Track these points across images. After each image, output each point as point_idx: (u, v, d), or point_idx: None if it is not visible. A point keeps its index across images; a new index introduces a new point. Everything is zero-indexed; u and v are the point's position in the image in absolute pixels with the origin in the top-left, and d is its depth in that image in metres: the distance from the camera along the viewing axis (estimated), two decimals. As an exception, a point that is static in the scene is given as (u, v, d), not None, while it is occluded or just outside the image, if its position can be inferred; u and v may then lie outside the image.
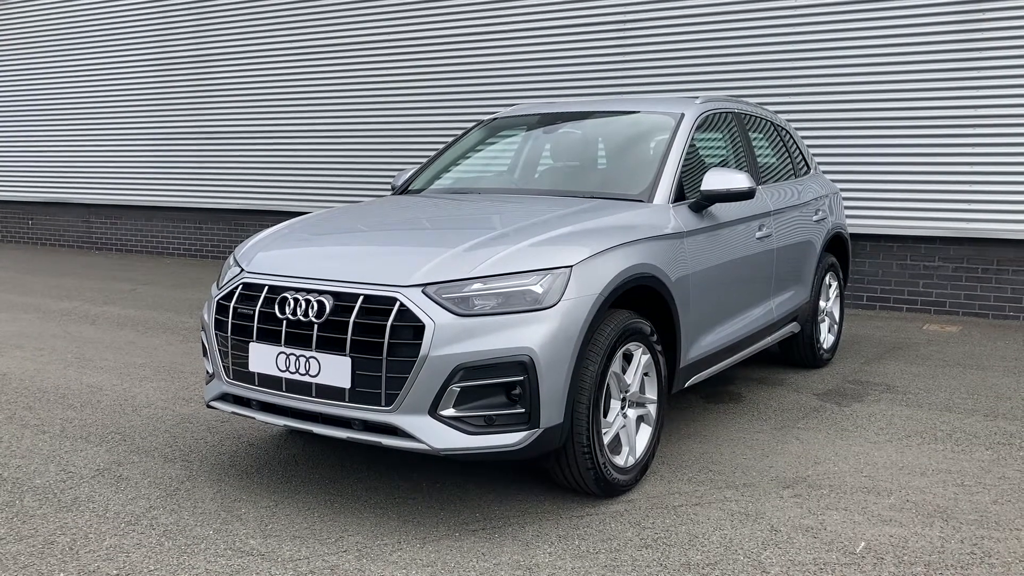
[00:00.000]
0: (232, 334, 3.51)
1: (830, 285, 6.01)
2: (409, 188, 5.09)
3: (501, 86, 9.97)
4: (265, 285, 3.48)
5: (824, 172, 7.45)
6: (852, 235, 7.36)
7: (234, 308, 3.52)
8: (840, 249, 6.24)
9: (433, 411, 3.15)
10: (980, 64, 7.66)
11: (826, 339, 5.97)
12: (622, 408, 3.65)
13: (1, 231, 14.93)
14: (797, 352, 5.74)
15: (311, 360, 3.27)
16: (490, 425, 3.19)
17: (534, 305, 3.24)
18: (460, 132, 6.42)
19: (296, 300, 3.34)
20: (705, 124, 4.84)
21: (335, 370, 3.22)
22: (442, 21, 10.32)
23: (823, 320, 5.92)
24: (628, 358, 3.66)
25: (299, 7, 11.32)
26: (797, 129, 7.94)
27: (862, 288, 8.34)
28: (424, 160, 6.59)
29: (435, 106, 10.44)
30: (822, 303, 5.87)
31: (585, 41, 9.44)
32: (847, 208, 7.70)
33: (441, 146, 6.45)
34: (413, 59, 10.54)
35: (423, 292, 3.21)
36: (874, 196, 8.14)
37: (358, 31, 10.92)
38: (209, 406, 3.72)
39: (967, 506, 3.55)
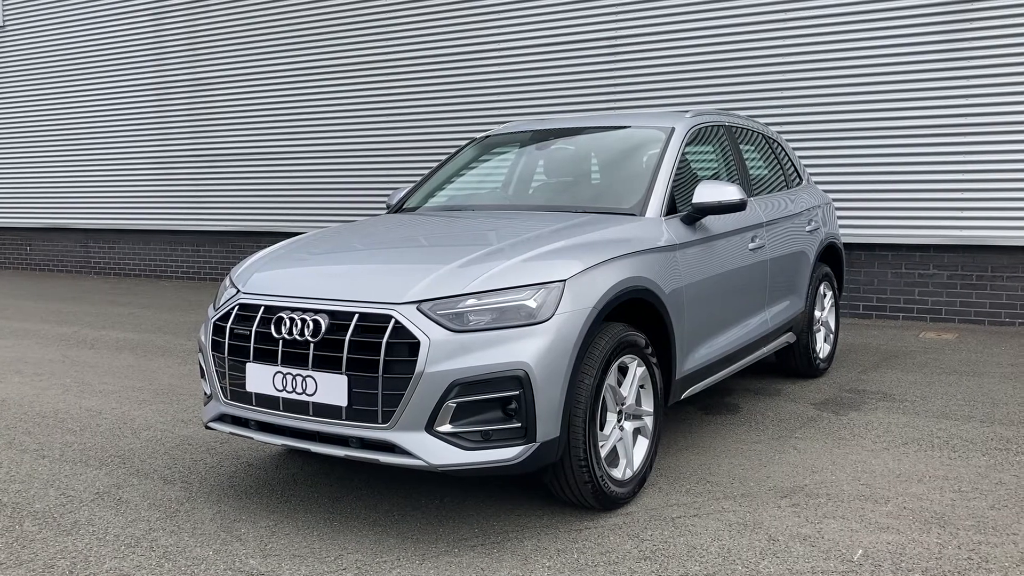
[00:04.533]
0: (229, 355, 3.53)
1: (825, 295, 6.04)
2: (404, 206, 5.13)
3: (494, 104, 10.04)
4: (261, 305, 3.50)
5: (816, 183, 7.49)
6: (846, 245, 7.40)
7: (231, 329, 3.54)
8: (834, 259, 6.27)
9: (430, 427, 3.17)
10: (970, 72, 7.72)
11: (822, 349, 5.99)
12: (619, 421, 3.67)
13: (-1, 257, 14.98)
14: (793, 362, 5.76)
15: (308, 379, 3.29)
16: (487, 440, 3.21)
17: (528, 320, 3.26)
18: (454, 150, 6.47)
19: (292, 319, 3.36)
20: (696, 138, 4.88)
21: (332, 388, 3.24)
22: (435, 42, 10.40)
23: (819, 330, 5.95)
24: (624, 371, 3.68)
25: (293, 31, 11.40)
26: (788, 141, 8.00)
27: (858, 297, 8.37)
28: (419, 179, 6.63)
29: (429, 125, 10.50)
30: (817, 313, 5.90)
31: (577, 58, 9.51)
32: (840, 218, 7.73)
33: (435, 165, 6.49)
34: (407, 81, 10.62)
35: (418, 309, 3.23)
36: (867, 205, 8.18)
37: (352, 53, 10.99)
38: (207, 427, 3.74)
39: (964, 512, 3.56)
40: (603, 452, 3.54)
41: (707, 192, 4.26)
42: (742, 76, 8.64)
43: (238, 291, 3.69)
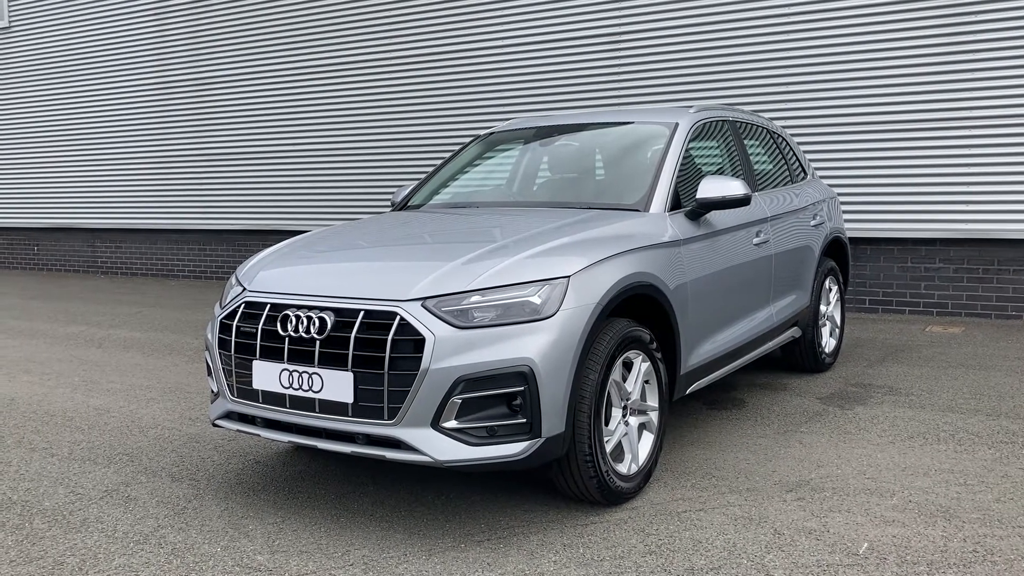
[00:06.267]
0: (236, 352, 3.55)
1: (830, 289, 6.03)
2: (408, 204, 5.14)
3: (497, 101, 10.04)
4: (267, 303, 3.52)
5: (821, 177, 7.48)
6: (851, 239, 7.39)
7: (237, 327, 3.56)
8: (839, 253, 6.26)
9: (435, 423, 3.18)
10: (973, 64, 7.70)
11: (828, 343, 5.99)
12: (624, 416, 3.68)
13: (7, 257, 15.02)
14: (799, 357, 5.76)
15: (314, 376, 3.31)
16: (492, 436, 3.22)
17: (533, 316, 3.27)
18: (458, 147, 6.48)
19: (298, 317, 3.37)
20: (700, 133, 4.88)
21: (338, 385, 3.26)
22: (437, 39, 10.40)
23: (824, 324, 5.94)
24: (628, 366, 3.69)
25: (295, 30, 11.42)
26: (793, 135, 7.99)
27: (864, 291, 8.36)
28: (423, 175, 6.65)
29: (433, 123, 10.51)
30: (823, 307, 5.89)
31: (580, 54, 9.51)
32: (845, 212, 7.73)
33: (439, 162, 6.50)
34: (410, 77, 10.62)
35: (423, 306, 3.25)
36: (872, 199, 8.17)
37: (354, 51, 11.00)
38: (215, 425, 3.76)
39: (969, 505, 3.56)
40: (608, 447, 3.55)
41: (711, 187, 4.26)
42: (746, 71, 8.63)
43: (244, 289, 3.71)
